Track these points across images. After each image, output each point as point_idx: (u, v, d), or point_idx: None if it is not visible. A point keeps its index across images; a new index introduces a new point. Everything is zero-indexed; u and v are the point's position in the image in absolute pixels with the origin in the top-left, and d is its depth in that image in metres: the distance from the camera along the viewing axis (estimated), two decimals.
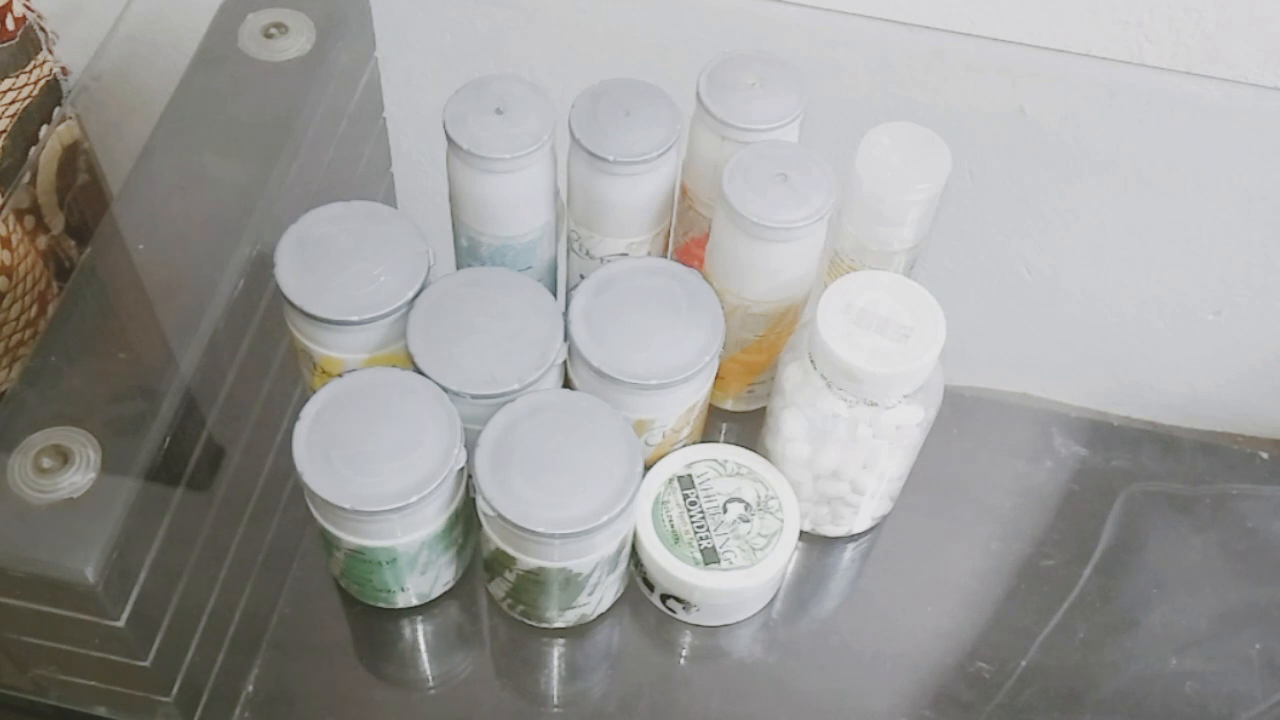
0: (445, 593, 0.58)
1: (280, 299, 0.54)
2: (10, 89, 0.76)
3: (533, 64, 0.78)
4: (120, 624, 0.56)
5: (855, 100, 0.76)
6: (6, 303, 0.74)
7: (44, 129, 0.79)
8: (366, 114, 0.78)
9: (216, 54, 0.75)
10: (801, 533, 0.58)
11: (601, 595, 0.56)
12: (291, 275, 0.54)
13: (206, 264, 0.67)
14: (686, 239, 0.63)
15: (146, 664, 0.57)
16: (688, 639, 0.59)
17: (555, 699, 0.58)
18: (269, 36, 0.76)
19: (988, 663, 0.58)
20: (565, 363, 0.55)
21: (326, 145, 0.74)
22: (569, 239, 0.62)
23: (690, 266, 0.57)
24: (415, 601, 0.57)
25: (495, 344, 0.54)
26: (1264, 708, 0.58)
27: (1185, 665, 0.59)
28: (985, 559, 0.61)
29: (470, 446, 0.51)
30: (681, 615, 0.58)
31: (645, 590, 0.58)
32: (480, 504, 0.52)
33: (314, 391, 0.53)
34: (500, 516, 0.50)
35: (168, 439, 0.61)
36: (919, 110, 0.64)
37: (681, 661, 0.59)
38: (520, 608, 0.57)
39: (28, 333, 0.76)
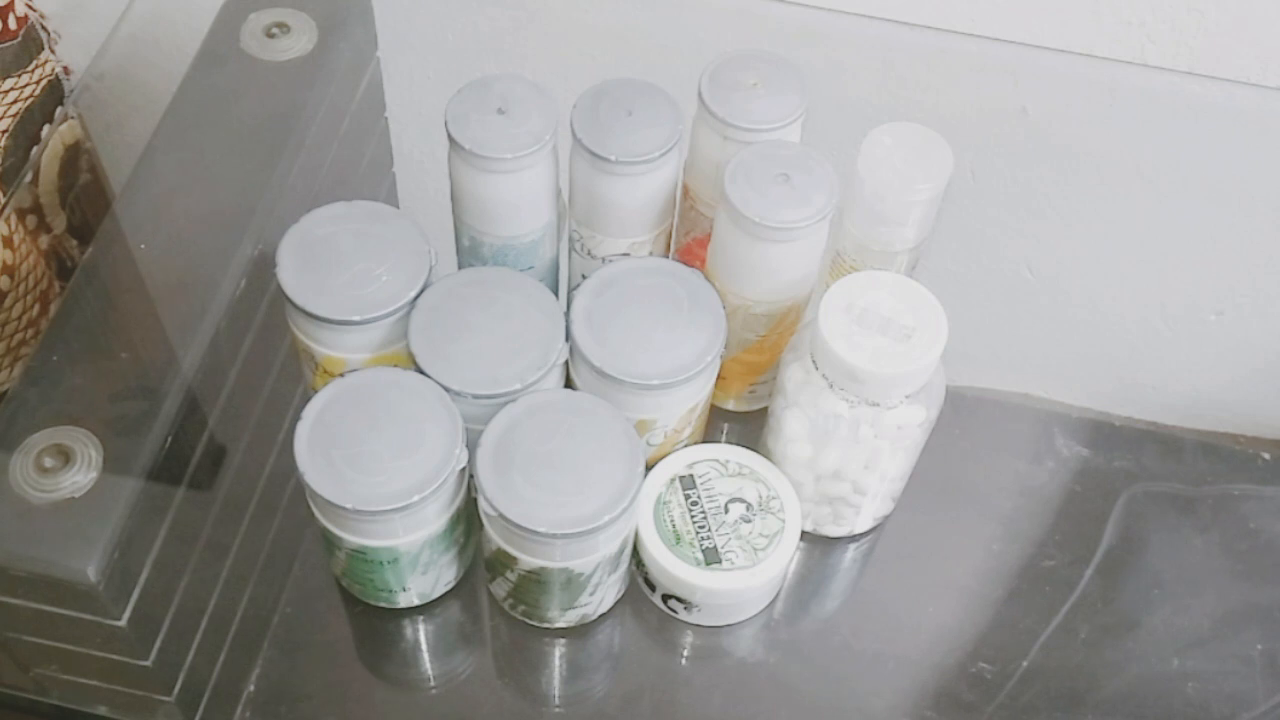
0: (447, 592, 0.58)
1: (282, 298, 0.54)
2: (12, 88, 0.76)
3: (534, 64, 0.78)
4: (121, 623, 0.56)
5: (857, 100, 0.76)
6: (9, 302, 0.74)
7: (46, 128, 0.79)
8: (368, 114, 0.78)
9: (218, 53, 0.75)
10: (803, 533, 0.58)
11: (603, 595, 0.56)
12: (293, 275, 0.54)
13: (208, 263, 0.67)
14: (688, 239, 0.63)
15: (148, 663, 0.57)
16: (689, 639, 0.59)
17: (557, 699, 0.58)
18: (271, 36, 0.76)
19: (989, 663, 0.58)
20: (567, 363, 0.55)
21: (328, 145, 0.74)
22: (571, 239, 0.62)
23: (692, 266, 0.57)
24: (417, 601, 0.57)
25: (497, 344, 0.54)
26: (1265, 708, 0.58)
27: (1187, 666, 0.59)
28: (987, 559, 0.61)
29: (472, 446, 0.51)
30: (683, 615, 0.58)
31: (647, 590, 0.58)
32: (482, 504, 0.52)
33: (315, 391, 0.53)
34: (502, 516, 0.50)
35: (169, 438, 0.61)
36: (921, 110, 0.64)
37: (683, 661, 0.59)
38: (522, 608, 0.57)
39: (29, 332, 0.76)
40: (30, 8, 0.77)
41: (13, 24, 0.75)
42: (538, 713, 0.57)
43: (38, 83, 0.78)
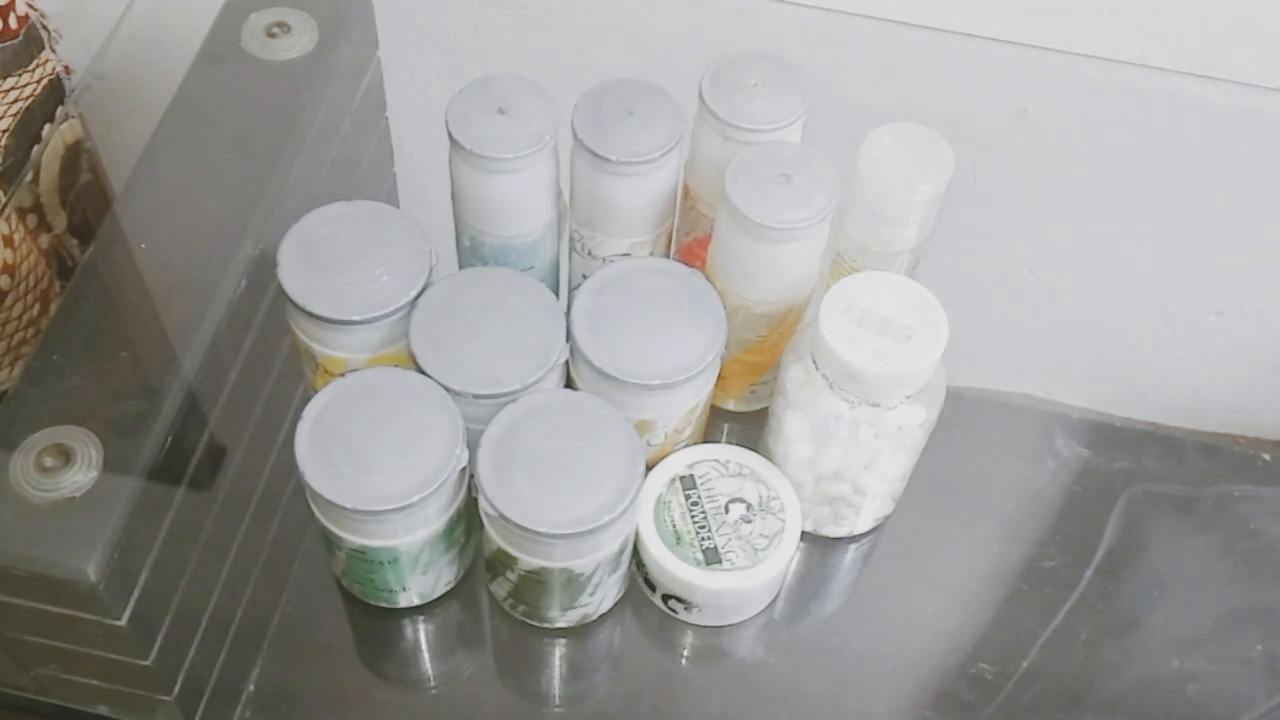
0: (447, 592, 0.58)
1: (283, 298, 0.54)
2: (13, 88, 0.76)
3: (535, 64, 0.78)
4: (122, 623, 0.56)
5: (858, 100, 0.76)
6: (9, 301, 0.74)
7: (47, 128, 0.79)
8: (369, 113, 0.78)
9: (219, 53, 0.75)
10: (803, 533, 0.58)
11: (603, 595, 0.56)
12: (294, 274, 0.54)
13: (209, 263, 0.67)
14: (689, 239, 0.63)
15: (148, 663, 0.57)
16: (689, 639, 0.59)
17: (557, 699, 0.58)
18: (272, 36, 0.76)
19: (989, 664, 0.58)
20: (567, 363, 0.55)
21: (329, 145, 0.74)
22: (571, 239, 0.62)
23: (693, 267, 0.57)
24: (417, 601, 0.57)
25: (498, 344, 0.54)
26: (1265, 709, 0.58)
27: (1187, 667, 0.59)
28: (987, 560, 0.61)
29: (472, 446, 0.51)
30: (683, 615, 0.58)
31: (647, 590, 0.58)
32: (482, 504, 0.52)
33: (316, 391, 0.53)
34: (502, 516, 0.50)
35: (170, 438, 0.61)
36: (921, 110, 0.64)
37: (683, 662, 0.59)
38: (522, 608, 0.57)
39: (30, 331, 0.76)
40: (31, 7, 0.77)
41: (13, 23, 0.75)
42: (538, 713, 0.57)
43: (38, 82, 0.78)
